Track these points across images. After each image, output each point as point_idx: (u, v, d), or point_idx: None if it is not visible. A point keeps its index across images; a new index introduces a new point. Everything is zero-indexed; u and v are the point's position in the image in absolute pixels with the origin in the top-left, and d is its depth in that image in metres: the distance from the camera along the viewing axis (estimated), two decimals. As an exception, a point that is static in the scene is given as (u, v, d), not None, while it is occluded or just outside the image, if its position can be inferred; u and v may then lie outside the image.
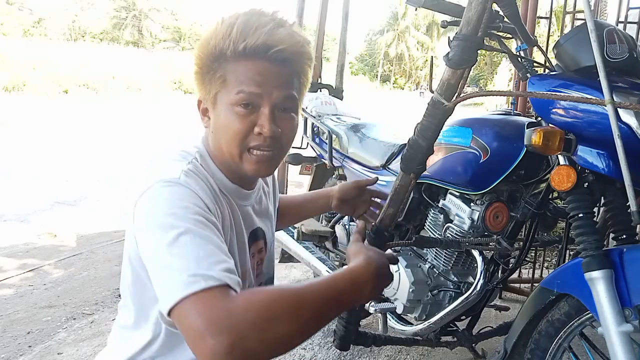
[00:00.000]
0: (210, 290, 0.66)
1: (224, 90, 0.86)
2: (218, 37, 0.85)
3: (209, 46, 0.86)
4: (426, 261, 1.72)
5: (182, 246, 0.70)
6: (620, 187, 1.20)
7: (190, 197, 0.77)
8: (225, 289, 0.67)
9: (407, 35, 48.53)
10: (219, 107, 0.87)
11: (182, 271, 0.67)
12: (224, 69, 0.85)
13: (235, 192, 0.94)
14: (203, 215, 0.76)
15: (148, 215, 0.75)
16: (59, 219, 3.95)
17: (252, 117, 0.85)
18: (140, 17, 37.93)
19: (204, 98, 0.91)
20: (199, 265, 0.68)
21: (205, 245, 0.71)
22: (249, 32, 0.83)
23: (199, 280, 0.66)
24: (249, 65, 0.84)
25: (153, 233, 0.73)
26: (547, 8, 2.94)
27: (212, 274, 0.67)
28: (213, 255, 0.70)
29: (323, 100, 2.49)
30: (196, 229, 0.72)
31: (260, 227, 1.02)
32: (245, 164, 0.88)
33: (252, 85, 0.84)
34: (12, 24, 27.83)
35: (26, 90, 15.82)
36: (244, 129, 0.85)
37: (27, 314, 2.38)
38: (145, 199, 0.77)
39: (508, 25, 1.31)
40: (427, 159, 1.21)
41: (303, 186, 2.86)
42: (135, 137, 8.76)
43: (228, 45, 0.83)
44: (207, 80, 0.88)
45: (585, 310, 1.16)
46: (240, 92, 0.84)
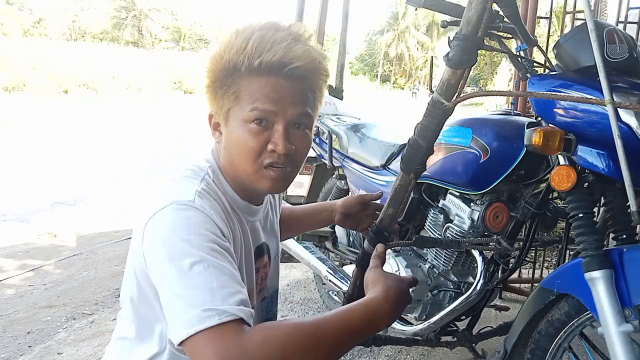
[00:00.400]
0: (224, 325, 0.66)
1: (237, 106, 0.84)
2: (232, 51, 0.83)
3: (222, 60, 0.84)
4: (426, 261, 1.72)
5: (196, 276, 0.69)
6: (620, 187, 1.20)
7: (205, 223, 0.76)
8: (239, 323, 0.67)
9: (407, 35, 48.54)
10: (231, 123, 0.86)
11: (196, 304, 0.67)
12: (237, 85, 0.84)
13: (245, 208, 0.93)
14: (217, 242, 0.75)
15: (163, 240, 0.73)
16: (59, 219, 3.95)
17: (266, 134, 0.84)
18: (140, 17, 37.92)
19: (215, 113, 0.89)
20: (213, 298, 0.67)
21: (219, 275, 0.70)
22: (264, 48, 0.81)
23: (212, 316, 0.66)
24: (263, 82, 0.82)
25: (167, 259, 0.71)
26: (547, 8, 2.94)
27: (225, 309, 0.67)
28: (227, 287, 0.70)
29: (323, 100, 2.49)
30: (210, 258, 0.72)
31: (265, 242, 1.01)
32: (260, 181, 0.87)
33: (267, 102, 0.82)
34: (12, 24, 27.81)
35: (26, 90, 15.81)
36: (257, 146, 0.84)
37: (27, 314, 2.38)
38: (159, 221, 0.76)
39: (508, 25, 1.31)
40: (427, 159, 1.21)
41: (303, 186, 2.86)
42: (135, 137, 8.76)
43: (243, 60, 0.82)
44: (219, 95, 0.86)
45: (585, 310, 1.16)
46: (254, 110, 0.83)
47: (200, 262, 0.70)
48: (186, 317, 0.66)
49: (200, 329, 0.65)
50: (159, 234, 0.75)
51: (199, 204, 0.78)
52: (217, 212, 0.81)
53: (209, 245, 0.73)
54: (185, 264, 0.70)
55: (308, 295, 2.71)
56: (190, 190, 0.80)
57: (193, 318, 0.66)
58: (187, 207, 0.76)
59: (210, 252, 0.72)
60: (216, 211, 0.80)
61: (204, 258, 0.71)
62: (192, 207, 0.77)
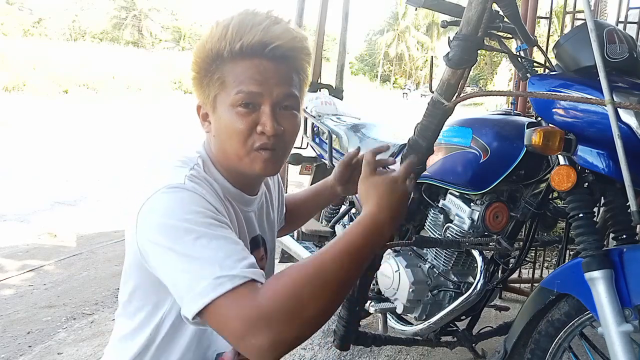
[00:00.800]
0: (237, 289, 0.67)
1: (223, 92, 0.84)
2: (214, 39, 0.83)
3: (205, 49, 0.85)
4: (426, 261, 1.72)
5: (200, 250, 0.70)
6: (620, 187, 1.20)
7: (199, 201, 0.76)
8: (251, 284, 0.68)
9: (407, 35, 48.54)
10: (219, 110, 0.86)
11: (206, 275, 0.67)
12: (221, 71, 0.84)
13: (238, 197, 0.92)
14: (215, 217, 0.75)
15: (158, 225, 0.73)
16: (59, 219, 3.95)
17: (254, 116, 0.84)
18: (140, 17, 37.92)
19: (203, 103, 0.89)
20: (222, 267, 0.68)
21: (224, 245, 0.71)
22: (244, 31, 0.82)
23: (225, 282, 0.67)
24: (246, 65, 0.83)
25: (166, 243, 0.71)
26: (547, 8, 2.94)
27: (236, 273, 0.68)
28: (233, 255, 0.70)
29: (323, 100, 2.49)
30: (211, 232, 0.72)
31: (260, 235, 1.01)
32: (252, 164, 0.86)
33: (252, 84, 0.83)
34: (12, 24, 27.82)
35: (26, 90, 15.81)
36: (246, 128, 0.84)
37: (27, 314, 2.38)
38: (151, 206, 0.75)
39: (508, 25, 1.31)
40: (427, 159, 1.21)
41: (303, 186, 2.87)
42: (135, 137, 8.76)
43: (224, 46, 0.82)
44: (205, 83, 0.86)
45: (585, 310, 1.16)
46: (239, 92, 0.83)
47: (202, 236, 0.71)
48: (199, 288, 0.67)
49: (215, 296, 0.66)
50: (153, 220, 0.74)
51: (190, 185, 0.78)
52: (210, 194, 0.80)
53: (206, 220, 0.73)
54: (187, 241, 0.70)
55: (308, 295, 2.71)
56: (179, 175, 0.80)
57: (207, 288, 0.67)
58: (178, 189, 0.76)
59: (209, 226, 0.73)
60: (209, 193, 0.80)
61: (205, 233, 0.71)
62: (184, 188, 0.76)
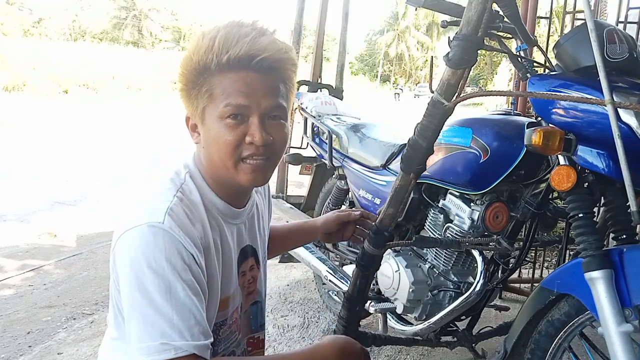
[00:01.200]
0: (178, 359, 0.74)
1: (211, 105, 0.85)
2: (200, 51, 0.84)
3: (192, 62, 0.85)
4: (426, 261, 1.72)
5: (161, 302, 0.75)
6: (620, 187, 1.20)
7: (172, 248, 0.77)
8: (192, 357, 0.75)
9: (407, 35, 48.54)
10: (208, 122, 0.86)
11: (155, 335, 0.74)
12: (209, 83, 0.84)
13: (225, 210, 0.93)
14: (183, 269, 0.78)
15: (130, 263, 0.77)
16: (59, 219, 3.95)
17: (242, 127, 0.85)
18: (140, 17, 37.91)
19: (191, 114, 0.90)
20: (172, 331, 0.74)
21: (180, 307, 0.76)
22: (231, 44, 0.82)
23: (169, 350, 0.73)
24: (234, 77, 0.83)
25: (133, 284, 0.76)
26: (547, 8, 2.94)
27: (180, 345, 0.74)
28: (186, 320, 0.76)
29: (323, 100, 2.49)
30: (174, 288, 0.76)
31: (250, 245, 1.02)
32: (241, 175, 0.87)
33: (239, 96, 0.83)
34: (12, 24, 27.79)
35: (26, 90, 15.81)
36: (235, 140, 0.84)
37: (27, 314, 2.38)
38: (128, 242, 0.78)
39: (508, 25, 1.31)
40: (427, 159, 1.21)
41: (303, 186, 2.86)
42: (135, 137, 8.77)
43: (211, 58, 0.83)
44: (193, 95, 0.87)
45: (585, 310, 1.16)
46: (228, 105, 0.83)
47: (164, 291, 0.75)
48: (144, 345, 0.74)
49: (156, 359, 0.73)
50: (127, 256, 0.77)
51: (168, 225, 0.79)
52: (189, 229, 0.82)
53: (173, 274, 0.76)
54: (150, 291, 0.75)
55: (308, 295, 2.71)
56: (162, 207, 0.81)
57: (150, 348, 0.73)
58: (156, 229, 0.78)
59: (175, 280, 0.76)
60: (187, 228, 0.81)
61: (169, 286, 0.75)
62: (161, 229, 0.78)
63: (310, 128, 2.48)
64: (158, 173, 0.91)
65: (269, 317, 2.43)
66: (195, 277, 0.80)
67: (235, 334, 1.00)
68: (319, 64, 2.96)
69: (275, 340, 2.19)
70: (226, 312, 0.95)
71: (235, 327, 0.99)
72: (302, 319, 2.42)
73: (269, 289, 2.77)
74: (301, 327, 2.35)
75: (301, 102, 2.52)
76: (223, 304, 0.93)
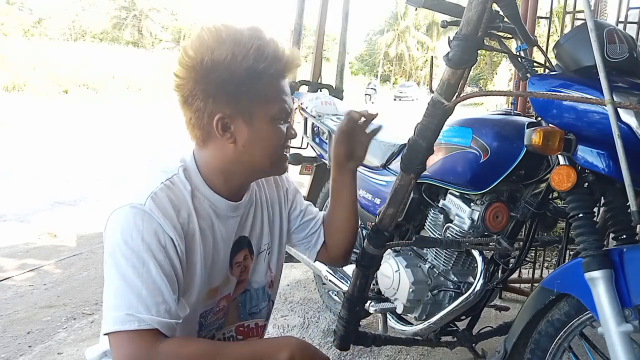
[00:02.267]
0: (140, 332, 0.78)
1: (265, 107, 0.93)
2: (249, 59, 0.89)
3: (242, 66, 0.88)
4: (426, 261, 1.72)
5: (130, 279, 0.80)
6: (620, 187, 1.20)
7: (149, 228, 0.83)
8: (155, 333, 0.79)
9: (407, 35, 48.55)
10: (257, 123, 0.93)
11: (122, 306, 0.78)
12: (261, 86, 0.92)
13: (220, 204, 0.97)
14: (158, 249, 0.83)
15: (111, 240, 0.83)
16: (59, 219, 3.95)
17: (285, 127, 0.98)
18: (140, 17, 37.91)
19: (229, 115, 0.92)
20: (138, 304, 0.79)
21: (150, 284, 0.80)
22: (277, 56, 0.92)
23: (133, 321, 0.78)
24: (280, 84, 0.95)
25: (110, 258, 0.82)
26: (547, 8, 2.94)
27: (144, 318, 0.78)
28: (154, 296, 0.80)
29: (323, 100, 2.49)
30: (147, 265, 0.81)
31: (245, 236, 1.05)
32: (278, 167, 1.01)
33: (287, 101, 0.96)
34: (13, 24, 27.79)
35: (26, 90, 15.81)
36: (285, 139, 0.98)
37: (27, 314, 2.38)
38: (112, 221, 0.85)
39: (508, 25, 1.31)
40: (427, 159, 1.21)
41: (303, 186, 2.86)
42: (135, 137, 8.77)
43: (264, 66, 0.90)
44: (235, 95, 0.90)
45: (585, 310, 1.16)
46: (282, 109, 0.95)
47: (137, 267, 0.80)
48: (112, 314, 0.79)
49: (120, 329, 0.77)
50: (109, 234, 0.84)
51: (148, 207, 0.84)
52: (170, 213, 0.86)
53: (147, 252, 0.81)
54: (124, 266, 0.80)
55: (308, 295, 2.72)
56: (146, 191, 0.86)
57: (117, 318, 0.78)
58: (137, 210, 0.83)
59: (149, 257, 0.81)
60: (168, 213, 0.86)
61: (142, 263, 0.80)
62: (142, 210, 0.84)
63: (311, 128, 2.48)
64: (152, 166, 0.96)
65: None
66: (170, 259, 0.84)
67: (220, 320, 1.04)
68: (319, 64, 2.96)
69: (275, 340, 2.19)
70: (213, 301, 0.99)
71: (221, 314, 1.04)
72: (302, 319, 2.42)
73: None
74: (301, 327, 2.35)
75: (301, 102, 2.52)
76: (211, 292, 0.98)
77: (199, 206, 0.93)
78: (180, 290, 0.87)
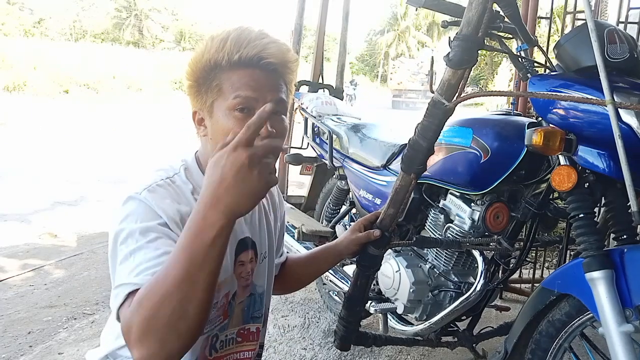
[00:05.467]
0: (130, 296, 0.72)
1: (220, 98, 0.91)
2: (211, 51, 0.90)
3: (203, 59, 0.91)
4: (427, 261, 1.72)
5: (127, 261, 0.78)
6: (620, 187, 1.20)
7: (145, 214, 0.83)
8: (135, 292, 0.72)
9: (407, 36, 48.51)
10: (216, 114, 0.91)
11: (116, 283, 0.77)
12: (219, 78, 0.90)
13: None
14: (152, 230, 0.81)
15: (113, 228, 0.84)
16: (60, 219, 3.96)
17: (249, 119, 0.84)
18: (141, 18, 37.91)
19: (199, 109, 0.95)
20: (128, 275, 0.76)
21: (144, 254, 0.77)
22: (242, 45, 0.89)
23: (122, 292, 0.74)
24: (242, 73, 0.90)
25: (111, 242, 0.83)
26: (547, 8, 2.94)
27: (129, 280, 0.74)
28: (143, 264, 0.76)
29: (323, 100, 2.49)
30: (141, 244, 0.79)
31: (249, 237, 1.04)
32: None
33: (248, 90, 0.89)
34: (13, 24, 27.82)
35: (27, 90, 15.82)
36: None
37: (27, 314, 2.38)
38: (114, 211, 0.86)
39: (508, 26, 1.31)
40: (427, 159, 1.21)
41: (304, 186, 2.86)
42: (135, 137, 8.77)
43: (222, 56, 0.89)
44: (202, 90, 0.93)
45: (586, 311, 1.16)
46: (237, 97, 0.89)
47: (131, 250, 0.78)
48: (112, 295, 0.76)
49: (117, 305, 0.73)
50: (112, 225, 0.85)
51: (144, 196, 0.85)
52: (166, 203, 0.86)
53: (142, 232, 0.80)
54: (123, 248, 0.80)
55: (309, 296, 2.71)
56: (144, 184, 0.87)
57: (113, 297, 0.75)
58: (132, 199, 0.85)
59: (141, 238, 0.80)
60: (164, 203, 0.85)
61: (137, 244, 0.79)
62: (137, 199, 0.84)
63: (311, 128, 2.48)
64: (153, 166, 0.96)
65: (270, 317, 2.42)
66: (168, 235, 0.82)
67: (220, 318, 1.02)
68: (320, 64, 2.97)
69: (275, 341, 2.19)
70: (216, 296, 0.97)
71: (222, 311, 1.02)
72: (302, 319, 2.42)
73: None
74: (302, 327, 2.35)
75: (302, 102, 2.52)
76: None
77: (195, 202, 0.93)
78: None
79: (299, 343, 2.19)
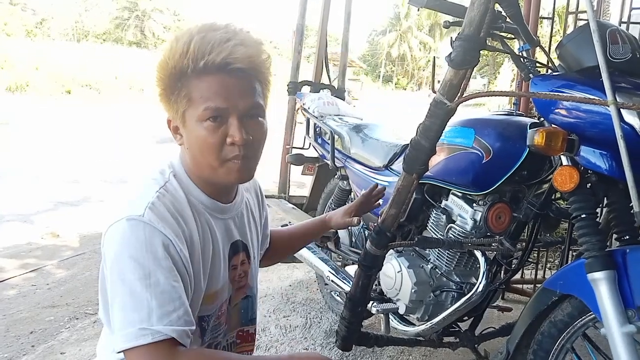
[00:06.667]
0: (156, 344, 0.75)
1: (191, 108, 0.87)
2: (175, 56, 0.85)
3: (168, 67, 0.87)
4: (429, 262, 1.72)
5: (139, 292, 0.77)
6: (623, 188, 1.20)
7: (152, 239, 0.80)
8: (170, 343, 0.77)
9: (409, 36, 48.49)
10: (189, 124, 0.89)
11: (135, 321, 0.76)
12: (187, 87, 0.86)
13: (212, 206, 0.96)
14: (163, 257, 0.80)
15: (114, 255, 0.80)
16: (62, 219, 3.97)
17: (222, 128, 0.87)
18: (143, 18, 37.98)
19: (172, 117, 0.92)
20: (149, 317, 0.76)
21: (159, 294, 0.78)
22: (205, 50, 0.84)
23: (147, 335, 0.75)
24: (210, 80, 0.85)
25: (116, 274, 0.79)
26: (549, 8, 2.93)
27: (159, 329, 0.76)
28: (165, 305, 0.77)
29: (325, 100, 2.49)
30: (154, 276, 0.78)
31: (241, 240, 1.04)
32: (226, 175, 0.90)
33: (217, 99, 0.85)
34: (16, 25, 27.87)
35: (29, 90, 15.87)
36: (216, 141, 0.87)
37: (30, 313, 2.38)
38: (111, 236, 0.82)
39: (510, 26, 1.31)
40: (429, 159, 1.21)
41: (305, 186, 2.87)
42: (137, 137, 8.78)
43: (187, 64, 0.85)
44: (172, 100, 0.89)
45: (588, 311, 1.16)
46: (207, 109, 0.85)
47: (144, 279, 0.77)
48: (125, 332, 0.76)
49: (136, 345, 0.75)
50: (111, 249, 0.81)
51: (148, 218, 0.82)
52: (170, 221, 0.84)
53: (154, 262, 0.79)
54: (131, 280, 0.77)
55: (310, 296, 2.71)
56: (143, 202, 0.84)
57: (130, 335, 0.75)
58: (136, 222, 0.81)
59: (155, 268, 0.78)
60: (168, 221, 0.84)
61: (149, 275, 0.78)
62: (142, 222, 0.81)
63: (313, 128, 2.48)
64: (144, 173, 0.94)
65: (271, 317, 2.43)
66: (176, 266, 0.82)
67: (223, 326, 1.02)
68: (321, 64, 2.96)
69: (277, 341, 2.19)
70: (214, 305, 0.98)
71: (223, 319, 1.02)
72: (304, 320, 2.42)
73: (271, 290, 2.78)
74: (303, 327, 2.35)
75: (303, 103, 2.52)
76: (211, 297, 0.96)
77: (195, 210, 0.92)
78: (189, 296, 0.85)
79: (301, 343, 2.20)
